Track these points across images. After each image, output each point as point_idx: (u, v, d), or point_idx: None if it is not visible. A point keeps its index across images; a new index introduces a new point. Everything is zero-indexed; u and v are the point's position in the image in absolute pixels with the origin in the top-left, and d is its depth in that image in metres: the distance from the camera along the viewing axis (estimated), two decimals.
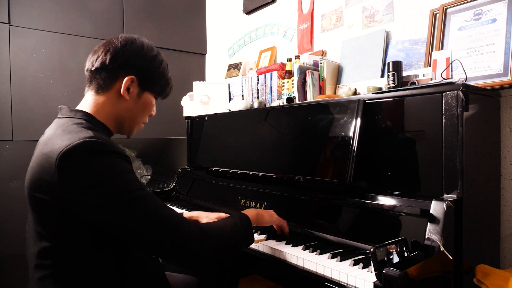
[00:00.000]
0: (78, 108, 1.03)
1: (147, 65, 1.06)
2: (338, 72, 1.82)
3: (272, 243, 1.24)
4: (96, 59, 1.02)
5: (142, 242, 0.91)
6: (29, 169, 0.93)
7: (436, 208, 0.99)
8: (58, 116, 1.02)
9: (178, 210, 1.82)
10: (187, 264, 0.99)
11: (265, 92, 2.01)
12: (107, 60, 1.01)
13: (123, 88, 1.02)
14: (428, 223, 0.98)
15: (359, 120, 1.23)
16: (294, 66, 1.80)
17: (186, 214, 1.42)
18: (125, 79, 1.02)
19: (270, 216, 1.25)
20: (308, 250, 1.15)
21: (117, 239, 0.92)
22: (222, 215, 1.42)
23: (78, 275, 0.91)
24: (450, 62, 1.32)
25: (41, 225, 0.91)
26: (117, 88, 1.03)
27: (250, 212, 1.17)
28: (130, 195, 0.88)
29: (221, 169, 1.77)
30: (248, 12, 2.54)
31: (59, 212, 0.88)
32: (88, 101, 1.03)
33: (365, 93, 1.41)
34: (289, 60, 1.92)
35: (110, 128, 1.05)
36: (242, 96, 2.16)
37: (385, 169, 1.22)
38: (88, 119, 0.99)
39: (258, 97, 2.05)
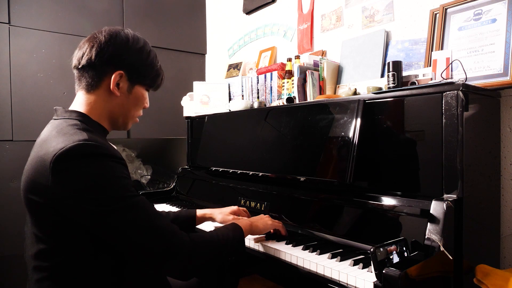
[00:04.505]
0: (71, 108, 1.02)
1: (135, 58, 1.02)
2: (338, 72, 1.82)
3: (272, 243, 1.24)
4: (82, 56, 0.99)
5: (132, 250, 0.90)
6: (24, 171, 0.93)
7: (436, 208, 0.99)
8: (53, 118, 1.01)
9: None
10: (175, 274, 0.98)
11: (265, 92, 2.01)
12: (93, 57, 0.97)
13: (112, 84, 0.99)
14: (428, 223, 0.98)
15: (359, 120, 1.23)
16: (294, 66, 1.80)
17: (200, 211, 1.39)
18: (114, 74, 0.99)
19: (264, 225, 1.24)
20: (308, 250, 1.15)
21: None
22: (234, 208, 1.39)
23: (76, 277, 0.90)
24: (450, 62, 1.32)
25: (37, 227, 0.91)
26: (106, 85, 1.00)
27: (244, 223, 1.17)
28: (124, 202, 0.87)
29: (221, 169, 1.77)
30: (248, 12, 2.54)
31: (54, 214, 0.87)
32: (80, 101, 1.01)
33: (365, 93, 1.41)
34: (289, 60, 1.92)
35: (105, 126, 1.04)
36: (242, 96, 2.16)
37: (385, 169, 1.22)
38: (83, 120, 0.97)
39: (258, 97, 2.05)
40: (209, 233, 1.06)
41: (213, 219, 1.38)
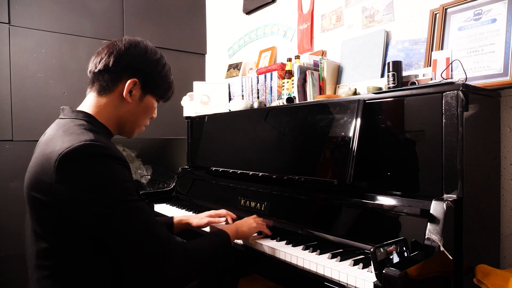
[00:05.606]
0: (79, 108, 1.03)
1: (150, 69, 1.06)
2: (338, 72, 1.82)
3: (272, 243, 1.24)
4: (100, 61, 1.02)
5: (129, 253, 0.91)
6: (29, 168, 0.93)
7: (436, 208, 0.99)
8: (59, 117, 1.02)
9: (178, 210, 1.82)
10: (167, 283, 0.99)
11: (265, 92, 2.01)
12: (111, 63, 1.01)
13: (126, 90, 1.02)
14: (428, 223, 0.98)
15: (359, 120, 1.23)
16: (294, 66, 1.80)
17: (176, 218, 1.43)
18: (128, 81, 1.02)
19: (249, 228, 1.28)
20: (308, 250, 1.15)
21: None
22: (212, 213, 1.45)
23: (77, 276, 0.91)
24: (450, 62, 1.32)
25: (39, 226, 0.91)
26: (119, 91, 1.03)
27: (230, 229, 1.20)
28: (125, 205, 0.88)
29: (221, 169, 1.77)
30: (248, 12, 2.54)
31: (56, 213, 0.88)
32: (90, 102, 1.03)
33: (365, 93, 1.41)
34: (289, 60, 1.92)
35: (111, 129, 1.05)
36: (242, 96, 2.16)
37: (385, 169, 1.22)
38: (89, 121, 0.99)
39: (258, 97, 2.05)
40: (199, 241, 1.08)
41: (189, 223, 1.42)
